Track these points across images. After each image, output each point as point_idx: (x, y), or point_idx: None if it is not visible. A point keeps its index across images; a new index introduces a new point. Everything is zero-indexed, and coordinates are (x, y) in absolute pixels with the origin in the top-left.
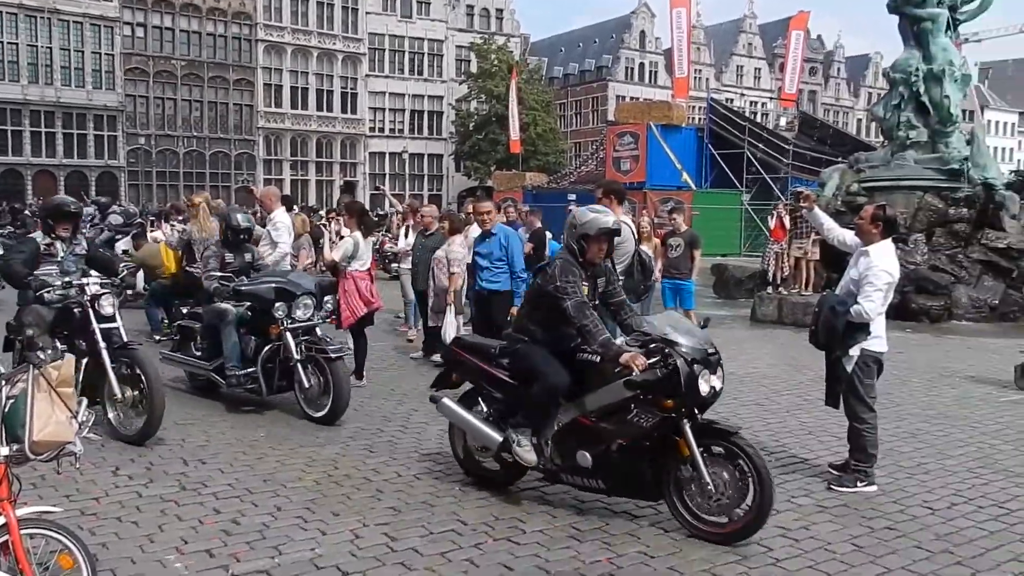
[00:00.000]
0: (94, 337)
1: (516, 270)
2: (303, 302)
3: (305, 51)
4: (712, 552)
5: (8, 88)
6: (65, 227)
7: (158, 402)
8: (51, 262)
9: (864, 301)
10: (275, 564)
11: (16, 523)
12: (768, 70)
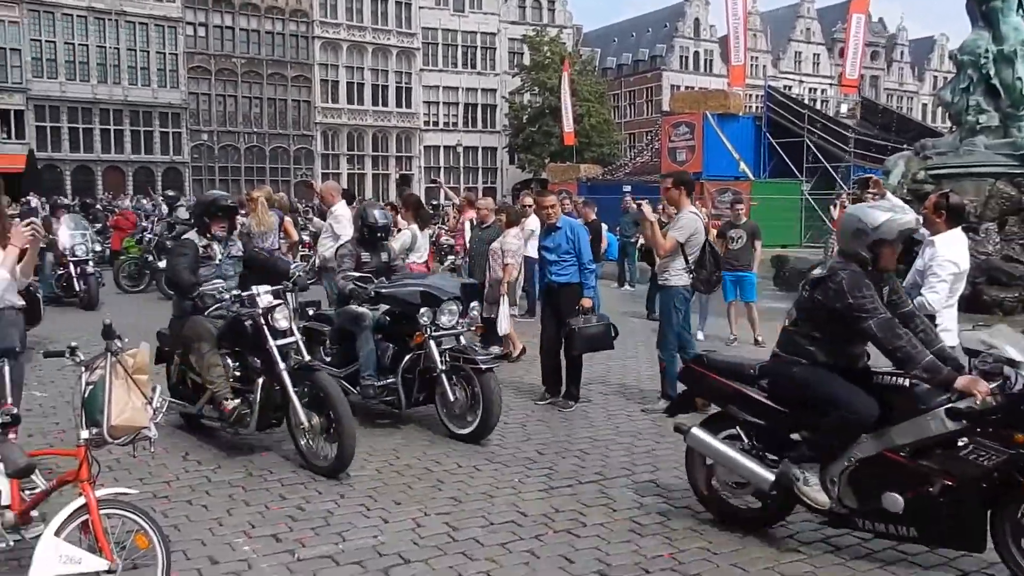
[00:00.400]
0: (271, 356)
1: (584, 262)
2: (448, 308)
3: (360, 47)
4: (776, 550)
5: (79, 88)
6: (221, 225)
7: (348, 429)
8: (208, 265)
9: (927, 292)
10: (339, 550)
11: (96, 503)
12: (827, 56)
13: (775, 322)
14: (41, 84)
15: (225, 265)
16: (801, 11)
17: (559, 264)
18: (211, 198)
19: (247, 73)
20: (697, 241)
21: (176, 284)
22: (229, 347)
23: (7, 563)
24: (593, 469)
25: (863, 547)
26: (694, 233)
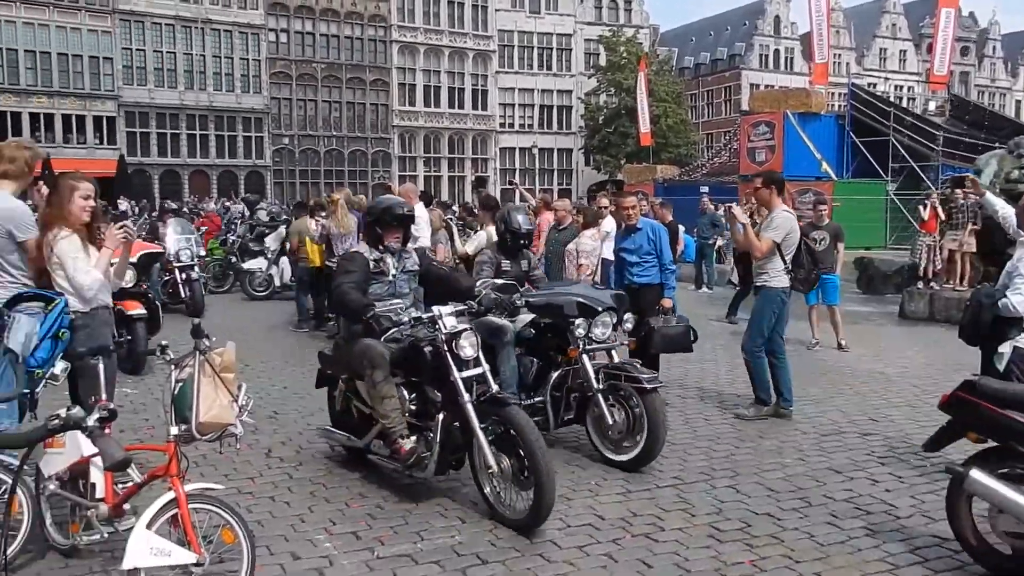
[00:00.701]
0: (455, 388)
1: (665, 262)
2: (603, 319)
3: (437, 50)
4: (861, 559)
5: (167, 94)
6: (396, 236)
7: (545, 474)
8: (380, 282)
9: (1012, 294)
10: (418, 549)
11: (185, 498)
12: (914, 52)
13: (859, 326)
14: (131, 91)
15: (400, 281)
16: (887, 6)
17: (640, 265)
18: (385, 205)
19: (327, 78)
20: (793, 240)
21: (343, 305)
22: (404, 376)
23: (101, 554)
24: (671, 473)
25: (954, 559)
26: (790, 232)
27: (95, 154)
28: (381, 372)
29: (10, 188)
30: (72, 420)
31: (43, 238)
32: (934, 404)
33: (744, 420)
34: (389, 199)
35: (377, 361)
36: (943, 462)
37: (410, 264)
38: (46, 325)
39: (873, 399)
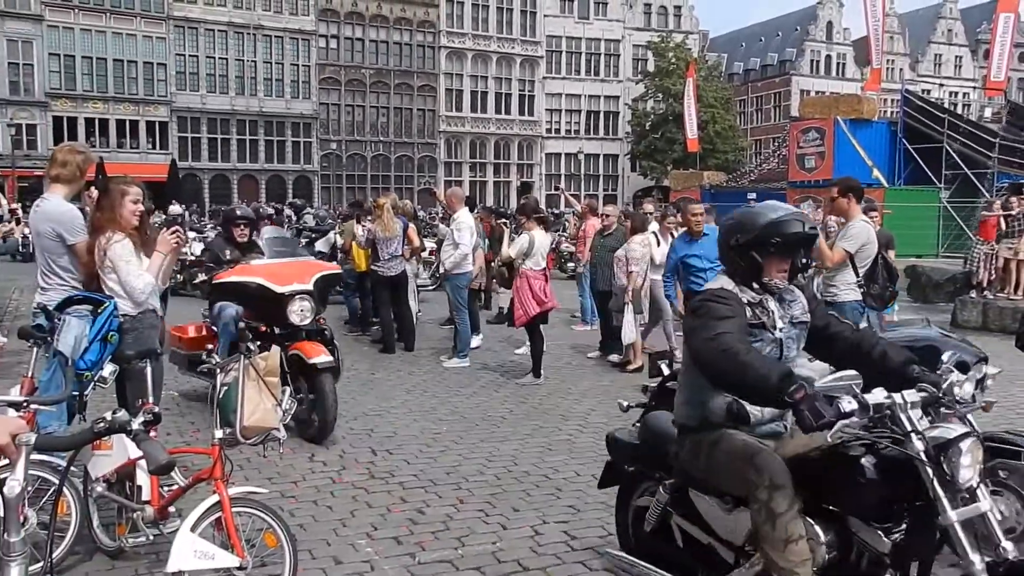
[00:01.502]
0: (949, 538)
1: None
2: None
3: (485, 56)
4: None
5: (218, 100)
6: (782, 269)
7: None
8: (760, 338)
9: None
10: (459, 555)
11: (228, 501)
12: (971, 58)
13: None
14: (184, 96)
15: (787, 338)
16: (943, 12)
17: (712, 271)
18: (769, 219)
19: (375, 83)
20: (869, 252)
21: (738, 373)
22: (814, 504)
23: (146, 556)
24: None
25: None
26: (866, 244)
27: (148, 158)
28: (786, 497)
29: (62, 192)
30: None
31: (94, 242)
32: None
33: None
34: (779, 210)
35: (780, 479)
36: None
37: (799, 312)
38: (95, 328)
39: None
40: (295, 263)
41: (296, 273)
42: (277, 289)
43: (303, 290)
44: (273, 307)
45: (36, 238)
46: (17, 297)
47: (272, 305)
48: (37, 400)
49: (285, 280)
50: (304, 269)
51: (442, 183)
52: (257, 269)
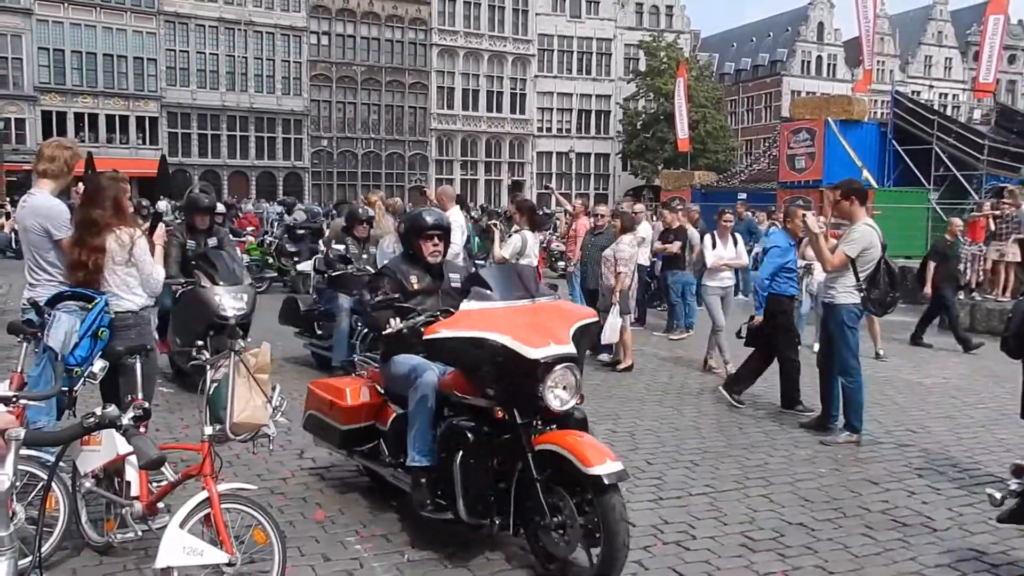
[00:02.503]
0: None
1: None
2: None
3: (476, 54)
4: (896, 571)
5: (209, 95)
6: None
7: None
8: None
9: None
10: (448, 552)
11: (218, 497)
12: (960, 60)
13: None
14: (174, 92)
15: None
16: (933, 13)
17: None
18: None
19: (366, 81)
20: (871, 257)
21: None
22: None
23: (135, 552)
24: (703, 481)
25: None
26: (868, 248)
27: (137, 154)
28: None
29: (49, 187)
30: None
31: (103, 238)
32: (974, 416)
33: (828, 445)
34: None
35: None
36: (984, 475)
37: None
38: (85, 323)
39: (911, 410)
40: (543, 307)
41: (547, 325)
42: (528, 354)
43: (565, 355)
44: (517, 380)
45: (23, 233)
46: (5, 292)
47: (515, 377)
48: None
49: (535, 338)
50: (555, 316)
51: (433, 181)
52: (487, 317)
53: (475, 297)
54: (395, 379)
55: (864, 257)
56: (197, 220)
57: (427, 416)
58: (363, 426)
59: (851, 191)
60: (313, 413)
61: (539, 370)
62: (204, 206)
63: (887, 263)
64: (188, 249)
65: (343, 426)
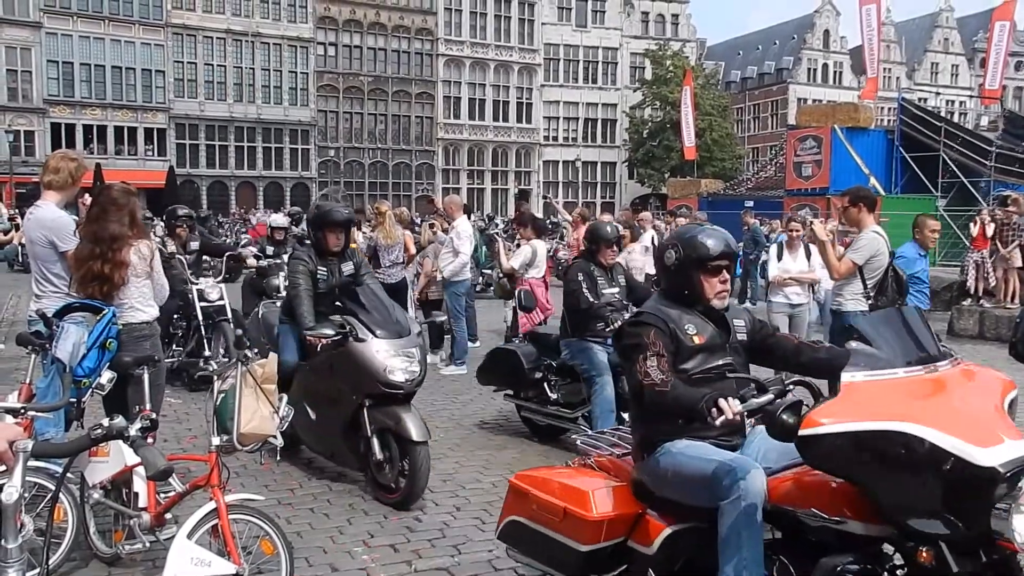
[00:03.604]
0: None
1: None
2: None
3: (483, 64)
4: None
5: (216, 107)
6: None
7: None
8: None
9: None
10: (455, 563)
11: (225, 508)
12: (967, 66)
13: None
14: (182, 103)
15: None
16: (939, 20)
17: None
18: None
19: (373, 91)
20: (879, 264)
21: None
22: None
23: (142, 563)
24: None
25: None
26: (875, 255)
27: (146, 165)
28: None
29: (55, 199)
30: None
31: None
32: None
33: None
34: None
35: None
36: None
37: None
38: (93, 335)
39: None
40: (951, 376)
41: (976, 407)
42: (978, 458)
43: None
44: (953, 498)
45: (29, 246)
46: (14, 304)
47: (952, 494)
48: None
49: (978, 431)
50: (978, 392)
51: (440, 190)
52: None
53: (861, 362)
54: (677, 479)
55: (871, 264)
56: (330, 239)
57: (757, 541)
58: (611, 545)
59: (859, 198)
60: (523, 522)
61: (996, 483)
62: (341, 219)
63: (895, 270)
64: (320, 279)
65: (584, 546)
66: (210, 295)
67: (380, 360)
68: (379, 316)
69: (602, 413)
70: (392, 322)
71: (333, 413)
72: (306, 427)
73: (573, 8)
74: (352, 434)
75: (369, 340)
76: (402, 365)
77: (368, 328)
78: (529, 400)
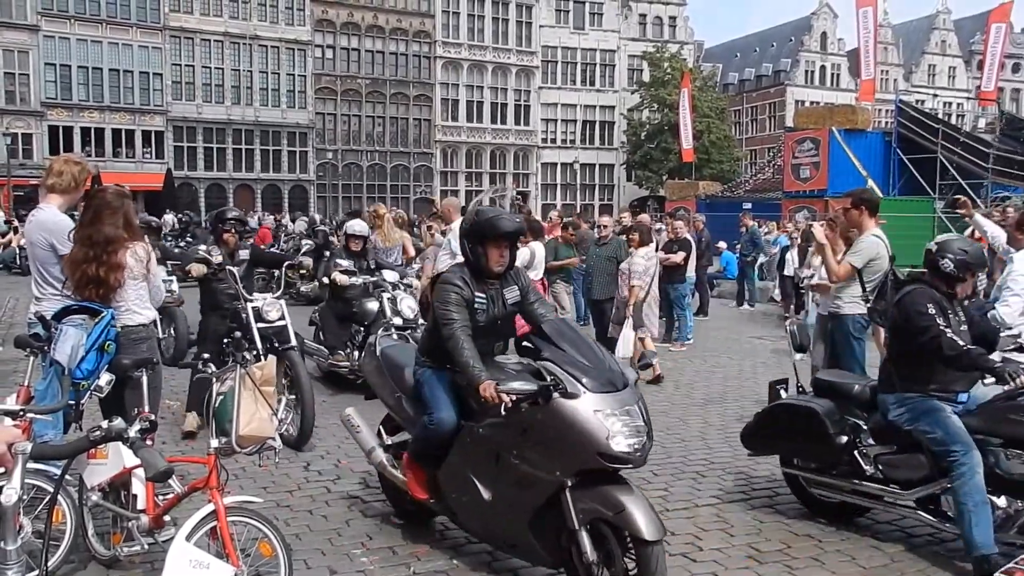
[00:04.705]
0: None
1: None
2: None
3: (480, 66)
4: None
5: (215, 109)
6: None
7: None
8: None
9: (1000, 306)
10: (453, 565)
11: (224, 510)
12: (964, 68)
13: None
14: (180, 106)
15: None
16: (936, 23)
17: None
18: None
19: (371, 93)
20: (878, 267)
21: None
22: None
23: (141, 565)
24: (709, 492)
25: None
26: (875, 258)
27: (143, 168)
28: None
29: (57, 202)
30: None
31: (121, 256)
32: None
33: None
34: None
35: None
36: None
37: None
38: (92, 337)
39: None
40: None
41: None
42: None
43: None
44: None
45: (30, 248)
46: (12, 306)
47: None
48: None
49: None
50: None
51: (438, 193)
52: None
53: None
54: None
55: (871, 268)
56: (493, 256)
57: None
58: None
59: (861, 201)
60: None
61: None
62: (511, 231)
63: (895, 274)
64: (479, 309)
65: None
66: (269, 314)
67: (599, 423)
68: (585, 360)
69: (976, 506)
70: (604, 368)
71: (519, 494)
72: (472, 508)
73: (571, 10)
74: (547, 523)
75: (582, 395)
76: (626, 428)
77: (574, 377)
78: (835, 476)
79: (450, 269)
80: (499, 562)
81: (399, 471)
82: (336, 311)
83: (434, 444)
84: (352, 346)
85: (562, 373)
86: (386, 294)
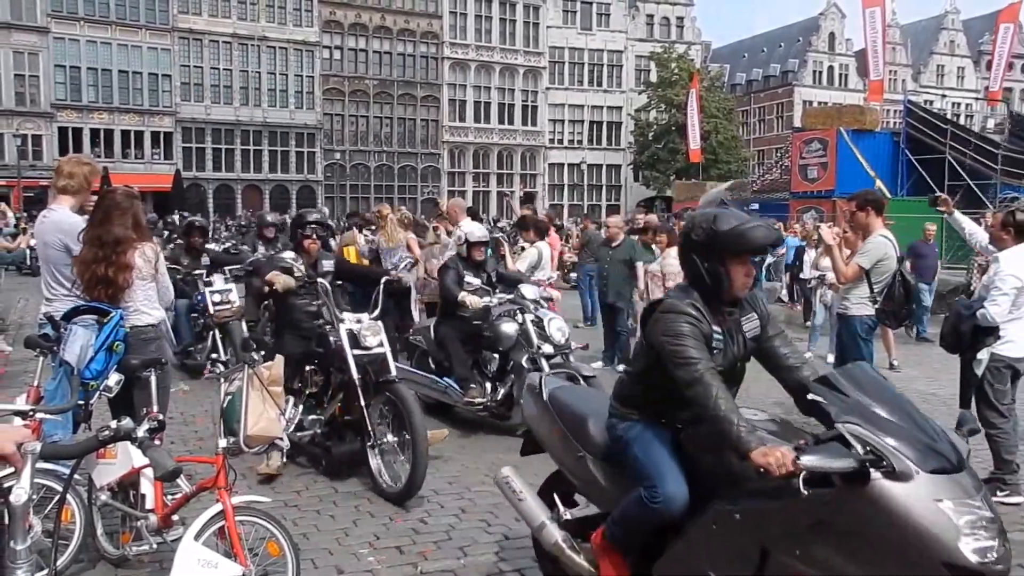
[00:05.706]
0: None
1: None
2: None
3: (488, 67)
4: None
5: (223, 111)
6: None
7: None
8: None
9: (989, 305)
10: (461, 565)
11: (232, 510)
12: (973, 69)
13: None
14: (188, 107)
15: None
16: (945, 23)
17: None
18: None
19: (378, 94)
20: (886, 268)
21: None
22: None
23: (150, 564)
24: None
25: None
26: (883, 259)
27: (152, 169)
28: None
29: (68, 203)
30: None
31: (129, 256)
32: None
33: None
34: None
35: None
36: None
37: None
38: (101, 337)
39: None
40: None
41: None
42: None
43: None
44: None
45: (42, 249)
46: (22, 307)
47: None
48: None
49: None
50: None
51: (445, 193)
52: None
53: None
54: None
55: (879, 269)
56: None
57: None
58: None
59: (867, 202)
60: None
61: None
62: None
63: (903, 275)
64: (716, 349)
65: None
66: (367, 340)
67: (946, 519)
68: (900, 422)
69: None
70: (929, 435)
71: None
72: None
73: (578, 11)
74: None
75: (917, 477)
76: (979, 528)
77: (898, 451)
78: None
79: (673, 293)
80: (507, 562)
81: (584, 558)
82: (457, 332)
83: (654, 527)
84: (484, 377)
85: (881, 443)
86: (528, 315)
